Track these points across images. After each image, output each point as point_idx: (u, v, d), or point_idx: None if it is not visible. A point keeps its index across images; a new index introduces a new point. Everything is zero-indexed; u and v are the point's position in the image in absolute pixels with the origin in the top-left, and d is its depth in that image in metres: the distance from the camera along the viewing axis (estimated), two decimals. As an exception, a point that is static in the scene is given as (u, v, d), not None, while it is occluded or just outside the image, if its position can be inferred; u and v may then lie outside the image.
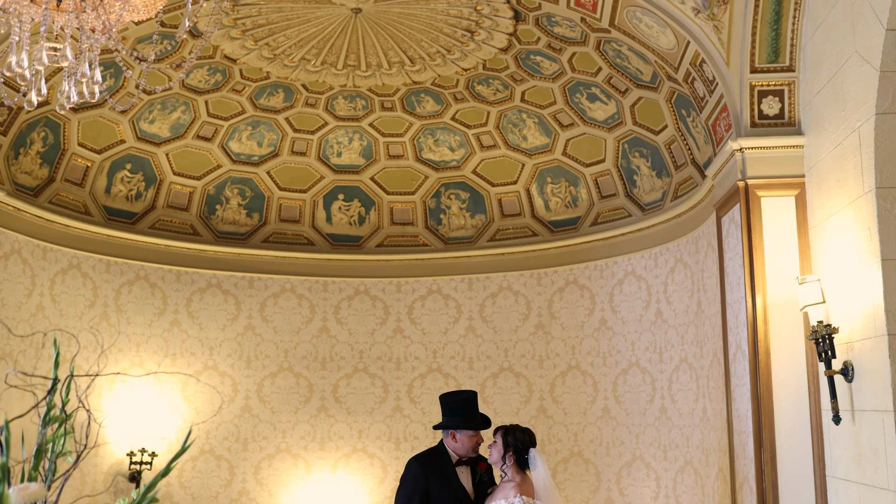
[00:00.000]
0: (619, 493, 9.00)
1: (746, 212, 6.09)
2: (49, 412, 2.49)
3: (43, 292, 8.50)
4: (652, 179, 8.70)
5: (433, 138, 9.78)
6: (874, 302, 4.69)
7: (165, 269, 9.68)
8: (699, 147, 7.72)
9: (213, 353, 9.85)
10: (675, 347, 8.41)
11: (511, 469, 5.09)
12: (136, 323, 9.44)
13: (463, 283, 10.20)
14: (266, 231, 10.12)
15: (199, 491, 9.62)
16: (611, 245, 9.26)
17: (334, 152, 9.95)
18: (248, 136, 9.63)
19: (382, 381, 10.14)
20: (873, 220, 4.70)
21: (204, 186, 9.77)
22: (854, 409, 5.01)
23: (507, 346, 9.97)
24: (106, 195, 9.24)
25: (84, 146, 8.89)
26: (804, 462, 5.70)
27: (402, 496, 5.18)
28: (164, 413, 9.29)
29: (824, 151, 5.55)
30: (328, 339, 10.18)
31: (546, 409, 9.69)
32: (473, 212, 10.14)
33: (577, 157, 9.30)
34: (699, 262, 7.86)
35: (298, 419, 10.00)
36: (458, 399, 5.35)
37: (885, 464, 4.60)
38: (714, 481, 7.36)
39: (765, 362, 5.86)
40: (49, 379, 2.38)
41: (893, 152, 4.67)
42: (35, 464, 2.47)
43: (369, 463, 10.00)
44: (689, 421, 8.08)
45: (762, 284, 5.94)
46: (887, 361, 4.55)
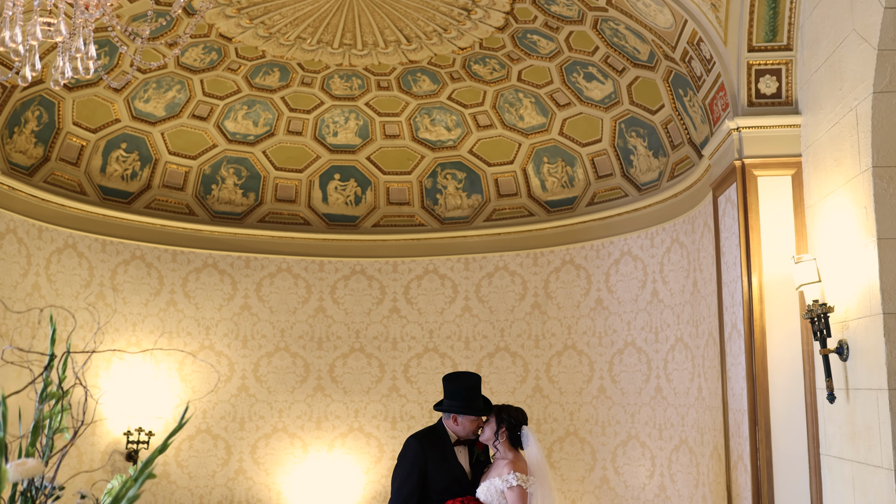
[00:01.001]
0: (615, 472, 9.05)
1: (743, 191, 6.09)
2: (46, 388, 2.49)
3: (39, 272, 8.49)
4: (648, 159, 8.69)
5: (429, 118, 9.75)
6: (870, 281, 4.70)
7: (161, 249, 9.67)
8: (696, 127, 7.71)
9: (210, 332, 9.86)
10: (670, 327, 8.43)
11: (503, 446, 5.13)
12: (133, 303, 9.44)
13: (459, 263, 10.20)
14: (262, 211, 10.11)
15: (196, 470, 9.65)
16: (607, 225, 9.26)
17: (330, 132, 9.92)
18: (244, 115, 9.60)
19: (379, 360, 10.16)
20: (870, 199, 4.70)
21: (200, 166, 9.74)
22: (849, 387, 5.04)
23: (503, 325, 9.99)
24: (101, 174, 9.21)
25: (79, 125, 8.85)
26: (798, 440, 5.73)
27: (401, 474, 5.19)
28: (160, 392, 9.31)
29: (821, 131, 5.55)
30: (324, 318, 10.19)
31: (542, 388, 9.72)
32: (470, 192, 10.13)
33: (574, 137, 9.28)
34: (695, 242, 7.87)
35: (295, 399, 10.03)
36: (461, 384, 5.34)
37: (878, 442, 4.62)
38: (709, 460, 7.40)
39: (760, 341, 5.88)
40: (46, 355, 2.38)
41: (891, 131, 4.66)
42: (32, 440, 2.47)
43: (366, 442, 10.04)
44: (684, 400, 8.11)
45: (758, 264, 5.95)
46: (882, 340, 4.57)
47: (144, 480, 2.22)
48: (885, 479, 4.53)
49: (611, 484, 9.08)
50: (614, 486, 9.04)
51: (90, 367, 8.48)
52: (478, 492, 5.09)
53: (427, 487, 5.14)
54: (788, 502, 5.71)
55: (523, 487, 4.97)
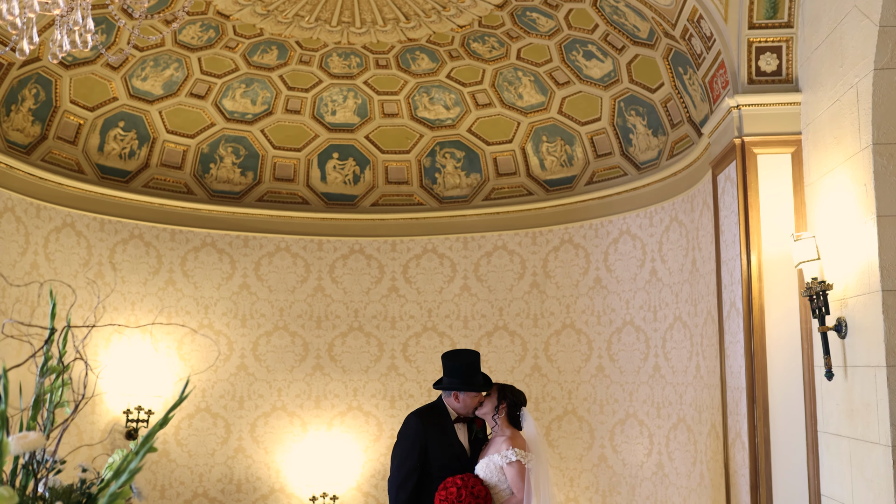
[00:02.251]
0: (613, 450, 9.09)
1: (742, 169, 6.08)
2: (46, 363, 2.49)
3: (37, 251, 8.48)
4: (648, 138, 8.67)
5: (428, 96, 9.72)
6: (869, 258, 4.71)
7: (160, 228, 9.66)
8: (695, 105, 7.69)
9: (209, 311, 9.86)
10: (669, 306, 8.45)
11: (502, 422, 5.16)
12: (131, 282, 9.44)
13: (458, 243, 10.20)
14: (260, 190, 10.09)
15: (196, 448, 9.69)
16: (606, 204, 9.25)
17: (329, 110, 9.88)
18: (242, 93, 9.56)
19: (377, 339, 10.18)
20: (869, 177, 4.70)
21: (198, 145, 9.71)
22: (847, 364, 5.05)
23: (501, 304, 10.00)
24: (99, 153, 9.18)
25: (76, 103, 8.82)
26: (796, 418, 5.75)
27: (401, 451, 5.21)
28: (160, 371, 9.33)
29: (821, 108, 5.53)
30: (323, 298, 10.20)
31: (540, 367, 9.75)
32: (468, 171, 10.12)
33: (573, 116, 9.25)
34: (694, 221, 7.87)
35: (294, 377, 10.06)
36: (461, 361, 5.35)
37: (876, 418, 4.64)
38: (707, 438, 7.43)
39: (759, 319, 5.89)
40: (46, 329, 2.38)
41: (891, 108, 4.65)
42: (33, 414, 2.48)
43: (364, 421, 10.07)
44: (682, 378, 8.13)
45: (757, 242, 5.95)
46: (881, 317, 4.57)
47: (146, 453, 2.22)
48: (883, 456, 4.55)
49: (609, 462, 9.12)
50: (612, 464, 9.08)
51: (90, 342, 8.49)
52: (477, 468, 5.12)
53: (427, 464, 5.16)
54: (786, 479, 5.74)
55: (522, 463, 5.00)
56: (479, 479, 5.02)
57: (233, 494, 9.72)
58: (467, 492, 4.88)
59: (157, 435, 2.34)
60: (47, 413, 2.53)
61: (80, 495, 2.28)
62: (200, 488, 9.63)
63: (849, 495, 5.03)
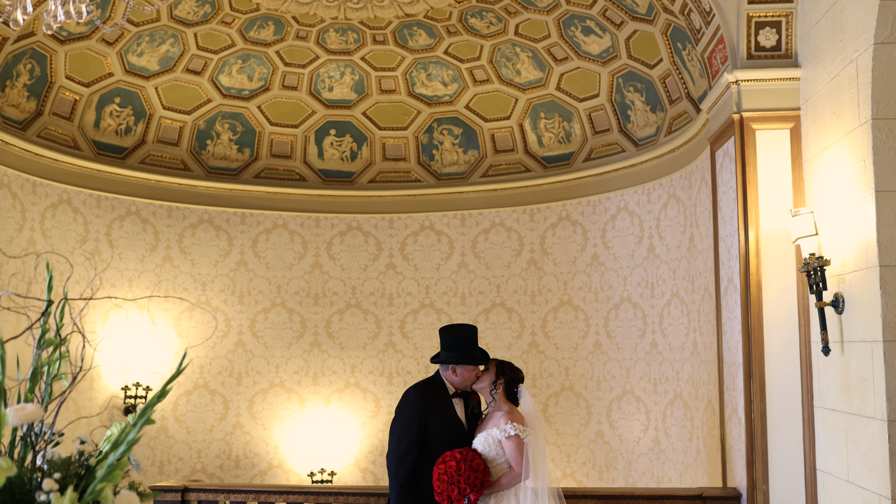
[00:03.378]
0: (610, 426, 9.13)
1: (741, 145, 6.06)
2: (43, 335, 2.49)
3: (34, 227, 8.46)
4: (646, 114, 8.64)
5: (426, 73, 9.67)
6: (866, 234, 4.70)
7: (157, 205, 9.64)
8: (694, 81, 7.65)
9: (206, 288, 9.86)
10: (666, 282, 8.45)
11: (499, 397, 5.17)
12: (128, 258, 9.43)
13: (455, 219, 10.19)
14: (257, 166, 10.06)
15: (194, 424, 9.72)
16: (604, 181, 9.23)
17: (326, 87, 9.83)
18: (239, 69, 9.51)
19: (375, 316, 10.19)
20: (868, 152, 4.68)
21: (194, 121, 9.67)
22: (843, 340, 5.06)
23: (499, 281, 10.01)
24: (95, 129, 9.14)
25: (71, 79, 8.76)
26: (793, 393, 5.77)
27: (401, 425, 5.21)
28: (158, 348, 9.34)
29: (821, 83, 5.51)
30: (321, 274, 10.20)
31: (538, 344, 9.77)
32: (466, 147, 10.09)
33: (571, 92, 9.21)
34: (692, 197, 7.86)
35: (292, 354, 10.07)
36: (459, 335, 5.34)
37: (872, 393, 4.65)
38: (703, 413, 7.46)
39: (756, 295, 5.89)
40: (43, 301, 2.37)
41: (891, 83, 4.63)
42: (31, 386, 2.47)
43: (362, 397, 10.10)
44: (679, 355, 8.15)
45: (755, 218, 5.94)
46: (878, 292, 4.58)
47: (143, 425, 2.22)
48: (878, 430, 4.57)
49: (605, 438, 9.16)
50: (609, 440, 9.12)
51: (87, 319, 8.49)
52: (475, 442, 5.13)
53: (426, 438, 5.17)
54: (781, 454, 5.77)
55: (521, 437, 5.01)
56: (477, 453, 5.03)
57: (231, 470, 9.76)
58: (466, 465, 4.89)
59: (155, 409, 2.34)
60: (45, 386, 2.53)
61: (79, 467, 2.27)
62: (199, 464, 9.67)
63: (844, 469, 5.06)
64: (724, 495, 6.06)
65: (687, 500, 6.12)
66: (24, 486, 2.14)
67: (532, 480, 5.04)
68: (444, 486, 4.92)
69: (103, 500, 2.14)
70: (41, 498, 2.05)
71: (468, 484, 4.88)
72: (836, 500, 5.21)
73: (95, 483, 2.12)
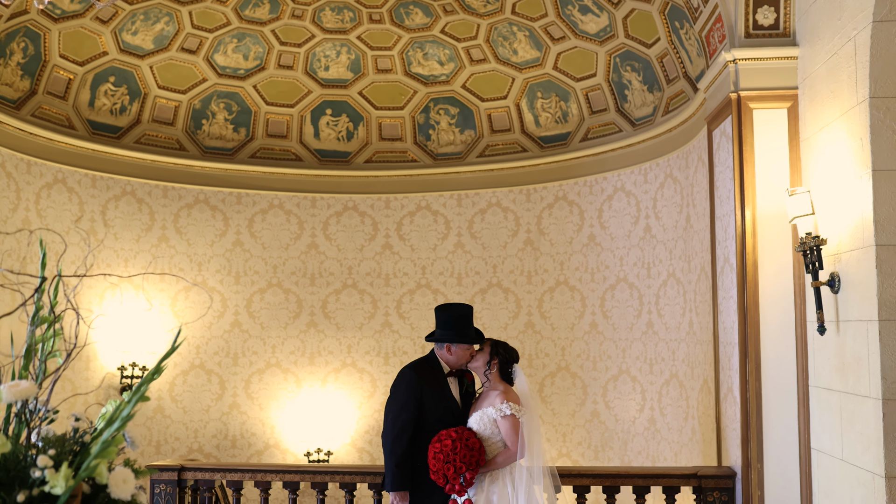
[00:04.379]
0: (605, 406, 9.16)
1: (738, 124, 6.04)
2: (37, 312, 2.48)
3: (28, 206, 8.43)
4: (643, 94, 8.61)
5: (422, 52, 9.62)
6: (863, 213, 4.69)
7: (152, 185, 9.61)
8: (692, 60, 7.62)
9: (202, 268, 9.85)
10: (663, 262, 8.45)
11: (494, 377, 5.19)
12: (124, 238, 9.41)
13: (452, 200, 10.17)
14: (253, 146, 10.02)
15: (191, 404, 9.73)
16: (601, 161, 9.21)
17: (321, 66, 9.78)
18: (234, 48, 9.45)
19: (371, 296, 10.19)
20: (865, 131, 4.67)
21: (189, 100, 9.62)
22: (839, 319, 5.06)
23: (495, 261, 10.01)
24: (90, 109, 9.09)
25: (66, 58, 8.71)
26: (788, 372, 5.78)
27: (396, 403, 5.22)
28: (154, 328, 9.33)
29: (819, 62, 5.48)
30: (317, 255, 10.19)
31: (534, 324, 9.78)
32: (463, 127, 10.05)
33: (568, 72, 9.17)
34: (689, 177, 7.85)
35: (288, 334, 10.08)
36: (454, 314, 5.36)
37: (867, 372, 4.66)
38: (698, 393, 7.48)
39: (752, 275, 5.89)
40: (36, 277, 2.36)
41: (889, 61, 4.61)
42: (25, 363, 2.47)
43: (359, 377, 10.12)
44: (675, 335, 8.17)
45: (752, 197, 5.93)
46: (874, 272, 4.57)
47: (137, 401, 2.22)
48: (873, 409, 4.58)
49: (601, 418, 9.19)
50: (605, 419, 9.15)
51: (83, 298, 8.48)
52: (470, 421, 5.15)
53: (422, 417, 5.19)
54: (776, 433, 5.79)
55: (516, 416, 5.03)
56: (472, 432, 5.05)
57: (228, 450, 9.79)
58: (462, 444, 4.91)
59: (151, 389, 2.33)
60: (39, 363, 2.52)
61: (74, 444, 2.27)
62: (196, 444, 9.69)
63: (839, 448, 5.08)
64: (718, 474, 6.09)
65: (682, 479, 6.14)
66: (19, 462, 2.14)
67: (527, 459, 5.07)
68: (440, 465, 4.94)
69: (98, 477, 2.13)
70: (36, 474, 2.05)
71: (464, 462, 4.90)
72: (831, 478, 5.23)
73: (90, 459, 2.12)
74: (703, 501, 6.03)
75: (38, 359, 2.53)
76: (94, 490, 2.17)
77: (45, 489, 2.03)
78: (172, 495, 6.32)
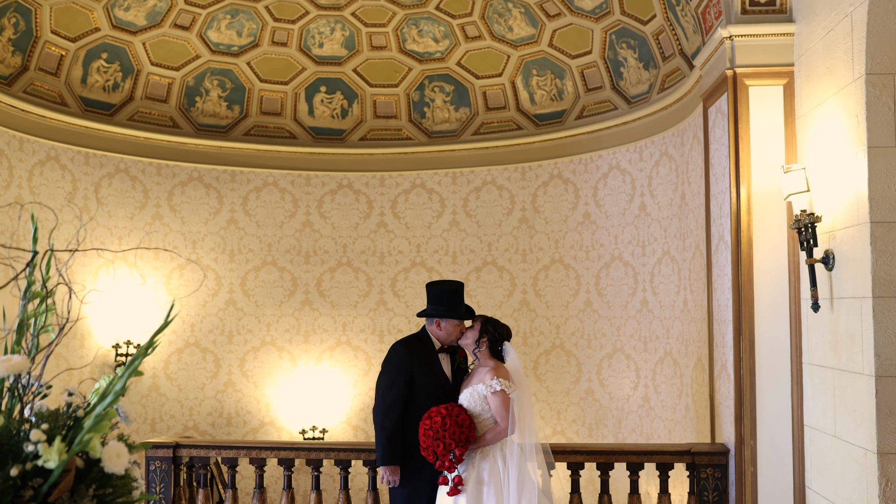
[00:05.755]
0: (600, 384, 9.19)
1: (734, 101, 6.02)
2: (29, 287, 2.46)
3: (21, 184, 8.39)
4: (639, 71, 8.58)
5: (417, 29, 9.56)
6: (858, 190, 4.69)
7: (146, 162, 9.57)
8: (688, 37, 7.58)
9: (196, 246, 9.83)
10: (657, 241, 8.45)
11: (484, 355, 5.19)
12: (118, 216, 9.38)
13: (447, 178, 10.15)
14: (247, 124, 9.97)
15: (186, 382, 9.74)
16: (596, 139, 9.19)
17: (316, 43, 9.72)
18: (227, 25, 9.38)
19: (366, 274, 10.18)
20: (861, 108, 4.66)
21: (183, 77, 9.56)
22: (833, 296, 5.07)
23: (490, 240, 10.00)
24: (82, 85, 9.03)
25: (57, 34, 8.63)
26: (782, 349, 5.80)
27: (387, 379, 5.24)
28: (148, 306, 9.32)
29: (815, 39, 5.46)
30: (311, 233, 10.17)
31: (529, 302, 9.79)
32: (458, 105, 10.01)
33: (564, 49, 9.12)
34: (684, 155, 7.83)
35: (283, 312, 10.08)
36: (444, 289, 5.38)
37: (860, 349, 4.68)
38: (693, 370, 7.50)
39: (747, 252, 5.89)
40: (28, 251, 2.34)
41: (886, 37, 4.59)
42: (17, 338, 2.46)
43: (353, 355, 10.13)
44: (669, 313, 8.18)
45: (747, 174, 5.92)
46: (868, 249, 4.58)
47: (131, 375, 2.21)
48: (866, 385, 4.60)
49: (595, 395, 9.22)
50: (599, 397, 9.19)
51: (76, 275, 8.46)
52: (460, 398, 5.16)
53: (413, 393, 5.20)
54: (770, 409, 5.81)
55: (506, 392, 5.04)
56: (463, 409, 5.06)
57: (223, 428, 9.81)
58: (451, 421, 4.92)
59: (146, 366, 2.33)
60: (32, 338, 2.51)
61: (67, 419, 2.26)
62: (191, 422, 9.70)
63: (831, 424, 5.10)
64: (712, 450, 6.12)
65: (676, 456, 6.17)
66: (11, 437, 2.14)
67: (518, 436, 5.08)
68: (430, 442, 4.95)
69: (92, 451, 2.13)
70: (29, 449, 2.05)
71: (453, 439, 4.91)
72: (823, 454, 5.26)
73: (83, 433, 2.11)
74: (697, 478, 6.06)
75: (30, 334, 2.52)
76: (88, 464, 2.17)
77: (38, 463, 2.03)
78: (168, 472, 6.33)
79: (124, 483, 2.21)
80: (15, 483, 2.01)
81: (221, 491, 8.23)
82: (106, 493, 2.16)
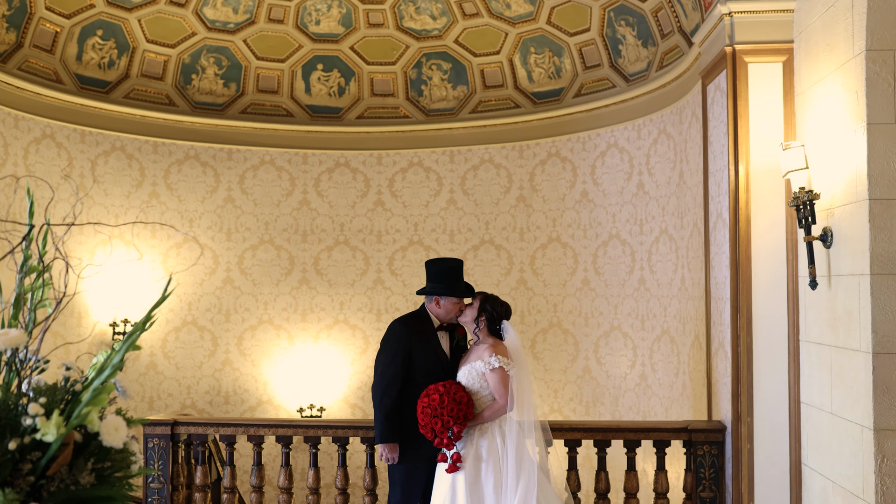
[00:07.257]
0: (597, 362, 9.20)
1: (733, 78, 6.00)
2: (26, 261, 2.45)
3: (17, 162, 8.35)
4: (637, 49, 8.53)
5: (414, 6, 9.49)
6: (857, 167, 4.67)
7: (142, 140, 9.52)
8: (686, 14, 7.54)
9: (193, 225, 9.81)
10: (655, 219, 8.44)
11: (482, 332, 5.20)
12: (114, 194, 9.35)
13: (444, 156, 10.12)
14: (244, 102, 9.92)
15: (183, 361, 9.75)
16: (594, 117, 9.16)
17: (312, 20, 9.65)
18: (223, 1, 9.30)
19: (364, 253, 10.17)
20: (861, 84, 4.63)
21: (179, 55, 9.50)
22: (831, 274, 5.07)
23: (488, 218, 9.98)
24: (77, 63, 8.97)
25: (52, 10, 8.56)
26: (779, 327, 5.81)
27: (385, 356, 5.24)
28: (145, 283, 9.31)
29: (815, 15, 5.42)
30: (309, 211, 10.14)
31: (526, 280, 9.79)
32: (455, 83, 9.96)
33: (562, 27, 9.07)
34: (682, 133, 7.81)
35: (280, 291, 10.07)
36: (443, 267, 5.37)
37: (858, 326, 4.68)
38: (690, 349, 7.52)
39: (745, 230, 5.89)
40: (24, 225, 2.33)
41: (886, 13, 4.56)
42: (14, 313, 2.45)
43: (351, 334, 10.14)
44: (667, 291, 8.18)
45: (745, 152, 5.91)
46: (867, 226, 4.57)
47: (128, 350, 2.21)
48: (863, 362, 4.60)
49: (593, 374, 9.24)
50: (596, 375, 9.21)
51: (73, 252, 8.44)
52: (458, 375, 5.17)
53: (411, 370, 5.21)
54: (766, 387, 5.83)
55: (505, 370, 5.04)
56: (461, 386, 5.06)
57: (221, 406, 9.83)
58: (449, 398, 4.93)
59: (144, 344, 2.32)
60: (29, 312, 2.50)
61: (65, 393, 2.26)
62: (188, 400, 9.72)
63: (828, 401, 5.11)
64: (709, 428, 6.14)
65: (672, 433, 6.19)
66: (9, 411, 2.13)
67: (517, 413, 5.09)
68: (428, 419, 4.96)
69: (89, 424, 2.13)
70: (27, 422, 2.04)
71: (451, 417, 4.92)
72: (820, 431, 5.28)
73: (81, 407, 2.11)
74: (694, 455, 6.09)
75: (27, 308, 2.51)
76: (87, 438, 2.17)
77: (36, 437, 2.02)
78: (166, 449, 6.35)
79: (123, 457, 2.21)
80: (13, 456, 2.01)
81: (220, 468, 8.26)
82: (104, 466, 2.16)
